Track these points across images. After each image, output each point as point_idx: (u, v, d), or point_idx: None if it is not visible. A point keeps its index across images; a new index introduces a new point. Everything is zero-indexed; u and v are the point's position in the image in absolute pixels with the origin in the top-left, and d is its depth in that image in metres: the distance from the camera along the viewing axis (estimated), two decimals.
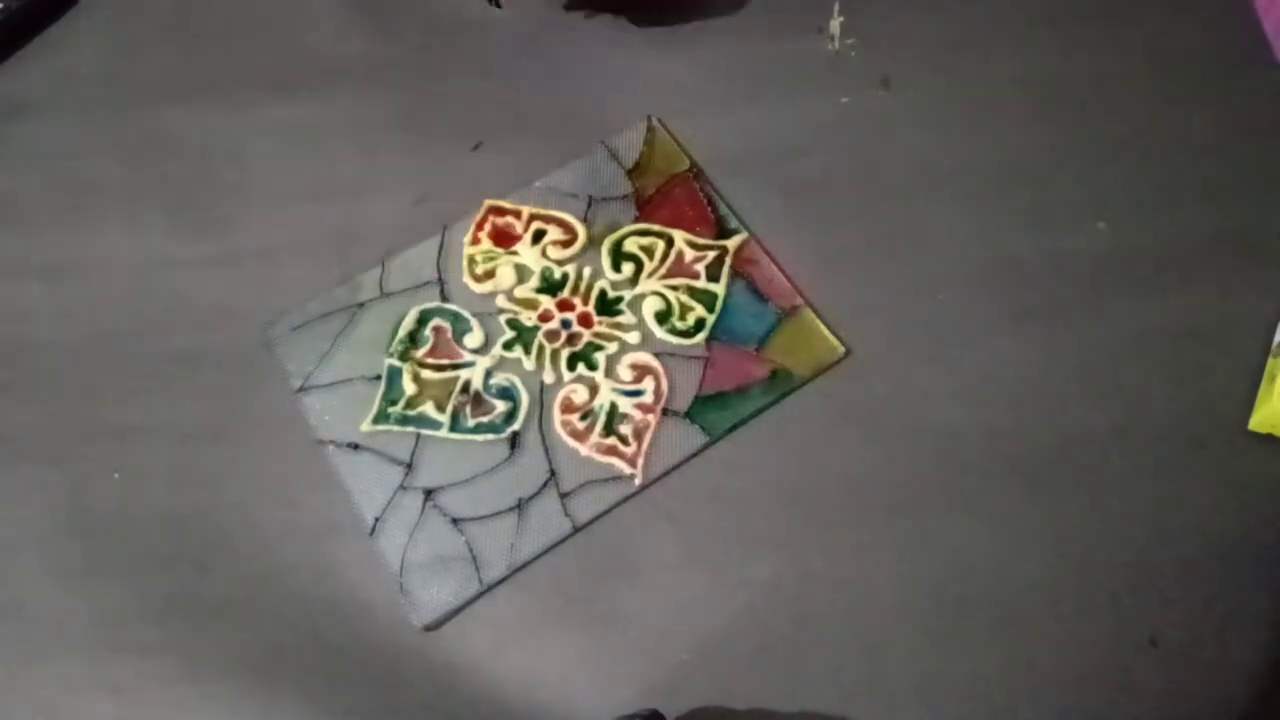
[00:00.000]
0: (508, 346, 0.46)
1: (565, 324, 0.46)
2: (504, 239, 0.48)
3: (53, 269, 0.49)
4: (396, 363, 0.46)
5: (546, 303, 0.47)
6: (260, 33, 0.54)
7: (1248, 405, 0.43)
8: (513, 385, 0.45)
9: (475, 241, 0.48)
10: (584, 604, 0.42)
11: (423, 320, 0.47)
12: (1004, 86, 0.51)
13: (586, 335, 0.46)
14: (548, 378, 0.45)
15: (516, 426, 0.44)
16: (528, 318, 0.46)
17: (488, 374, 0.45)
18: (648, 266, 0.47)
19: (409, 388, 0.45)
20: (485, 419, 0.44)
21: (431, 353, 0.46)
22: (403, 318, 0.47)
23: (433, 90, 0.52)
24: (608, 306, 0.47)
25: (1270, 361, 0.44)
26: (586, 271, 0.47)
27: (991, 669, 0.40)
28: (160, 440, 0.45)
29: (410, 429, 0.44)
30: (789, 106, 0.51)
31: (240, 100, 0.52)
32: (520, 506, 0.43)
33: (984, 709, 0.40)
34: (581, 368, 0.45)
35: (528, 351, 0.46)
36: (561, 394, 0.45)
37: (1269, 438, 0.43)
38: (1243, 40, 0.51)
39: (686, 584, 0.42)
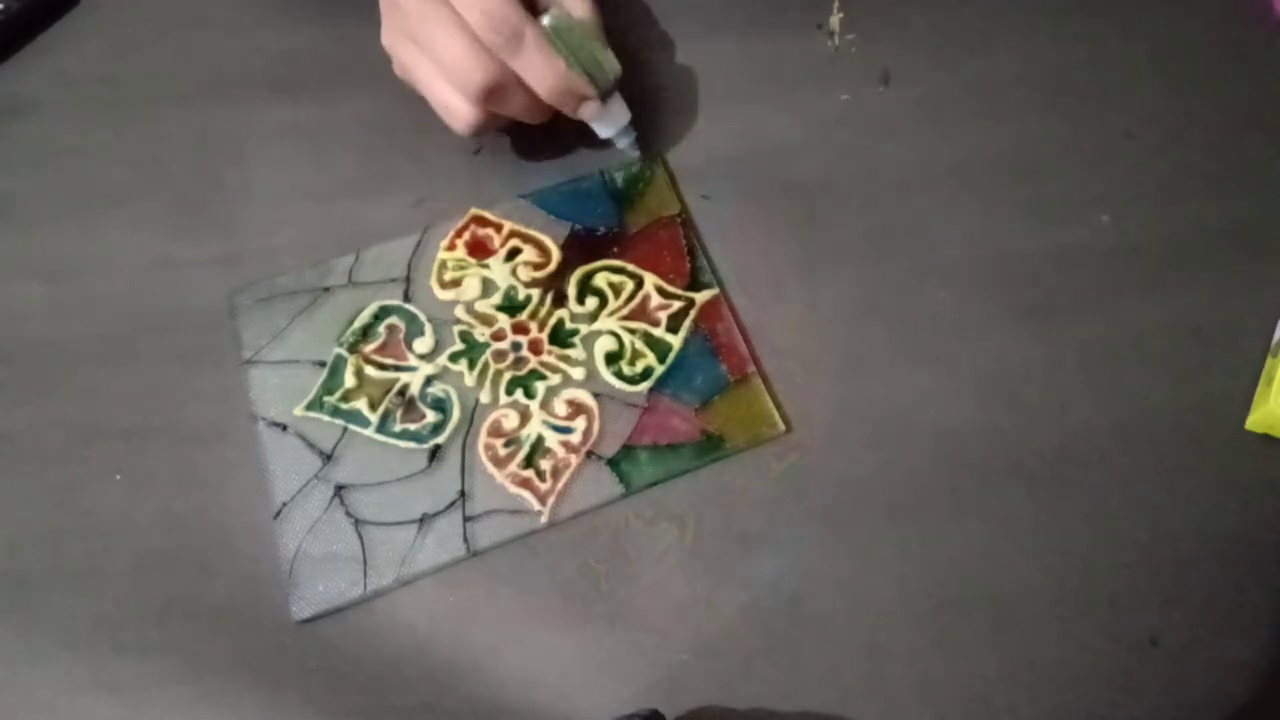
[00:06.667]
0: (454, 358, 0.46)
1: (515, 346, 0.46)
2: (479, 250, 0.48)
3: (53, 269, 0.49)
4: (344, 353, 0.46)
5: (503, 321, 0.46)
6: (261, 32, 0.54)
7: (1248, 405, 0.43)
8: (448, 397, 0.45)
9: (451, 247, 0.48)
10: (584, 604, 0.42)
11: (380, 316, 0.47)
12: (1005, 80, 0.51)
13: (533, 362, 0.46)
14: (484, 397, 0.45)
15: (440, 440, 0.44)
16: (481, 333, 0.46)
17: (427, 381, 0.45)
18: (611, 304, 0.47)
19: (349, 380, 0.45)
20: (413, 426, 0.44)
21: (379, 350, 0.46)
22: (361, 310, 0.47)
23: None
24: (561, 337, 0.46)
25: (1269, 361, 0.43)
26: (550, 297, 0.47)
27: (991, 669, 0.40)
28: (162, 440, 0.45)
29: (339, 422, 0.45)
30: (789, 103, 0.51)
31: (240, 100, 0.52)
32: (423, 521, 0.43)
33: (984, 709, 0.40)
34: (519, 394, 0.45)
35: (472, 367, 0.45)
36: (493, 416, 0.45)
37: (1269, 437, 0.42)
38: (1251, 30, 0.51)
39: (687, 584, 0.42)
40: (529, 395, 0.45)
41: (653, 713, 0.39)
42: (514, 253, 0.48)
